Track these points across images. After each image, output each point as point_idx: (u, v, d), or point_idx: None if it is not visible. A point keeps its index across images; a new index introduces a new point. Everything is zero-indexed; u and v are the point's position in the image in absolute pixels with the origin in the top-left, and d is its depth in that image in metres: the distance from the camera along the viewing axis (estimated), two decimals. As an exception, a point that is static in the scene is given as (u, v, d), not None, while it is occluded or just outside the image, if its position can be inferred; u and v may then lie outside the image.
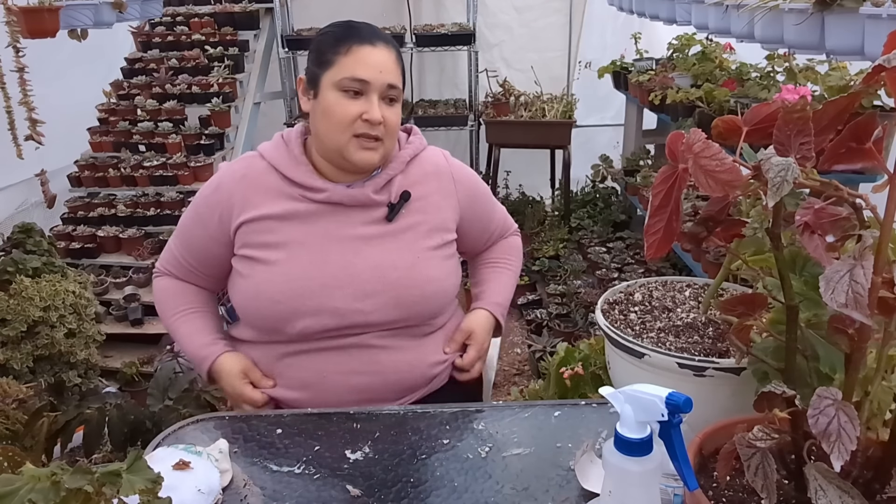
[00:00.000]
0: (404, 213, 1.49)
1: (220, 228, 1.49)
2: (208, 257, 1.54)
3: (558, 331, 3.29)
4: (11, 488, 0.76)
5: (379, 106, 1.40)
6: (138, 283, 3.48)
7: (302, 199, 1.46)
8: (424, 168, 1.54)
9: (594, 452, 1.12)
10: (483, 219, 1.67)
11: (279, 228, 1.46)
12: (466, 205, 1.58)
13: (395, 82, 1.42)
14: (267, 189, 1.47)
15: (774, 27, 2.23)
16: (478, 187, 1.64)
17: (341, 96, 1.39)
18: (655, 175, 0.86)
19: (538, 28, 4.88)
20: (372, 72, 1.39)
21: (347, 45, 1.40)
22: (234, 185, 1.48)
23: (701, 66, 3.58)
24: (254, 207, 1.46)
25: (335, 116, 1.40)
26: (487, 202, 1.68)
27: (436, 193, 1.53)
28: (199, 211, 1.53)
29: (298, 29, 4.70)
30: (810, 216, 0.76)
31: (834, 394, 0.75)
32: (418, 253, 1.48)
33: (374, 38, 1.42)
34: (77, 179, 3.79)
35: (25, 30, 2.60)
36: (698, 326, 1.19)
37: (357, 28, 1.44)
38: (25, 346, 2.46)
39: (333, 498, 1.11)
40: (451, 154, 1.64)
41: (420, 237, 1.50)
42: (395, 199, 1.49)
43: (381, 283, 1.44)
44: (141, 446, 1.94)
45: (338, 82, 1.39)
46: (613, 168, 4.41)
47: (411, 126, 1.62)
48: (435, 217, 1.52)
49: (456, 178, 1.58)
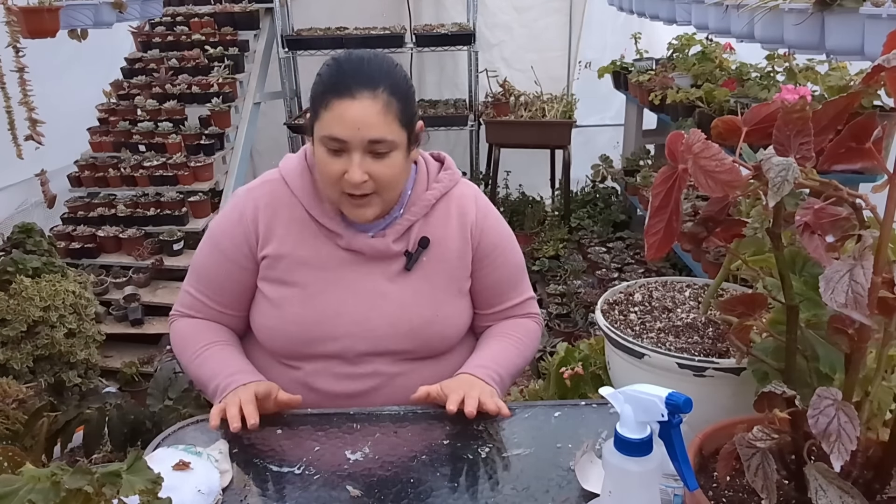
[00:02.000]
0: (424, 259, 1.43)
1: (250, 257, 1.44)
2: (239, 288, 1.46)
3: (558, 331, 3.30)
4: (11, 488, 0.76)
5: (363, 162, 1.30)
6: (138, 283, 3.49)
7: (324, 240, 1.41)
8: (449, 209, 1.46)
9: (594, 452, 1.12)
10: (498, 279, 1.52)
11: (297, 270, 1.41)
12: (482, 255, 1.48)
13: (377, 136, 1.29)
14: (290, 222, 1.42)
15: (774, 27, 2.23)
16: (502, 244, 1.52)
17: (325, 153, 1.32)
18: (655, 175, 0.86)
19: (538, 28, 4.87)
20: (348, 130, 1.28)
21: (328, 99, 1.30)
22: (258, 215, 1.42)
23: (701, 66, 3.58)
24: (276, 241, 1.41)
25: (322, 173, 1.35)
26: (509, 265, 1.53)
27: (456, 239, 1.46)
28: (222, 247, 1.45)
29: (298, 29, 4.70)
30: (810, 216, 0.76)
31: (834, 394, 0.75)
32: (437, 304, 1.44)
33: (356, 89, 1.28)
34: (77, 179, 3.79)
35: (25, 30, 2.60)
36: (698, 326, 1.19)
37: (341, 73, 1.32)
38: (25, 346, 2.46)
39: (333, 498, 1.11)
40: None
41: (439, 288, 1.44)
42: (413, 246, 1.43)
43: (396, 336, 1.41)
44: (141, 446, 1.94)
45: (321, 139, 1.32)
46: (613, 168, 4.41)
47: (443, 156, 1.52)
48: (454, 262, 1.46)
49: (480, 225, 1.48)
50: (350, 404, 1.40)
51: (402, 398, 1.38)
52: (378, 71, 1.32)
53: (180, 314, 1.53)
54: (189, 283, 1.51)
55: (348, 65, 1.33)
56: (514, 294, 1.55)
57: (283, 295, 1.42)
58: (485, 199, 1.54)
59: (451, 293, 1.46)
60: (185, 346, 1.48)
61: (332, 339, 1.40)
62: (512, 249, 1.54)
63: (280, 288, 1.42)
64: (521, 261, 1.57)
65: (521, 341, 1.52)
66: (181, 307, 1.52)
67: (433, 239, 1.44)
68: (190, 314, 1.51)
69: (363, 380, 1.42)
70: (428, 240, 1.44)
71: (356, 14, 4.79)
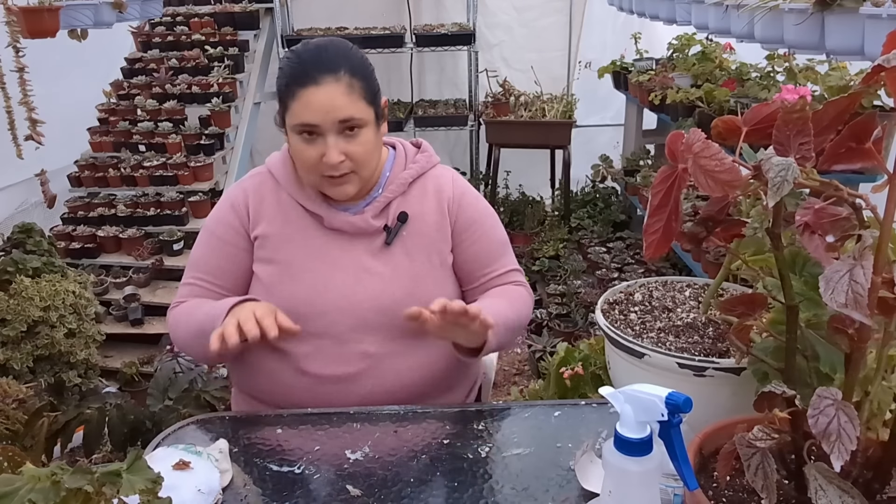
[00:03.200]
0: (404, 234, 1.48)
1: (245, 236, 1.50)
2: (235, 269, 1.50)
3: (558, 331, 3.30)
4: (11, 488, 0.76)
5: (337, 143, 1.36)
6: (138, 283, 3.48)
7: (308, 222, 1.47)
8: (426, 187, 1.52)
9: (594, 452, 1.12)
10: (478, 252, 1.54)
11: (284, 247, 1.47)
12: (461, 229, 1.52)
13: (347, 115, 1.35)
14: (277, 205, 1.49)
15: (774, 27, 2.23)
16: (481, 219, 1.55)
17: (300, 140, 1.39)
18: (655, 175, 0.86)
19: (538, 28, 4.88)
20: (317, 114, 1.35)
21: (293, 89, 1.36)
22: (248, 200, 1.50)
23: (701, 66, 3.58)
24: (265, 223, 1.48)
25: (300, 160, 1.42)
26: (490, 239, 1.56)
27: (434, 213, 1.50)
28: (217, 233, 1.51)
29: (298, 29, 4.70)
30: (810, 216, 0.76)
31: (834, 394, 0.75)
32: (417, 276, 1.47)
33: (317, 74, 1.34)
34: (77, 179, 3.78)
35: (25, 30, 2.60)
36: (698, 326, 1.19)
37: (301, 63, 1.38)
38: (25, 346, 2.46)
39: (333, 498, 1.11)
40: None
41: (419, 259, 1.48)
42: (392, 222, 1.48)
43: (381, 311, 1.43)
44: (141, 446, 1.94)
45: (293, 127, 1.39)
46: (613, 168, 4.41)
47: (420, 141, 1.59)
48: (433, 236, 1.50)
49: (457, 201, 1.52)
50: (340, 388, 1.42)
51: (392, 381, 1.43)
52: (336, 55, 1.39)
53: (177, 304, 1.53)
54: (186, 276, 1.54)
55: (307, 54, 1.40)
56: (498, 266, 1.56)
57: (272, 273, 1.46)
58: (462, 180, 1.59)
59: (432, 265, 1.50)
60: (181, 321, 1.49)
61: (320, 315, 1.43)
62: (492, 225, 1.58)
63: (269, 267, 1.47)
64: (503, 236, 1.60)
65: (510, 298, 1.52)
66: (179, 298, 1.54)
67: (411, 214, 1.49)
68: (187, 300, 1.52)
69: (352, 362, 1.43)
70: (406, 214, 1.49)
71: (356, 14, 4.79)
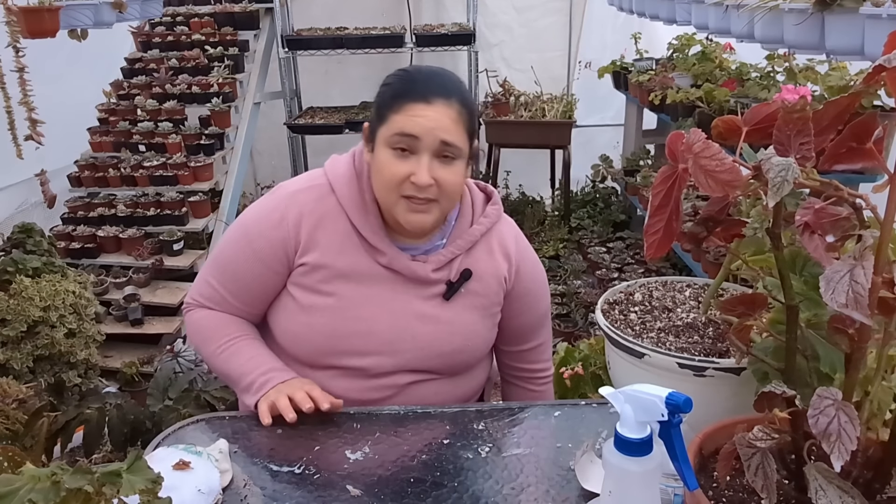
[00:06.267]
0: (463, 291, 1.43)
1: (284, 262, 1.41)
2: (265, 290, 1.44)
3: (558, 331, 3.29)
4: (11, 488, 0.76)
5: (431, 166, 1.30)
6: (138, 283, 3.48)
7: (364, 255, 1.39)
8: (491, 244, 1.46)
9: (594, 452, 1.12)
10: (524, 326, 1.55)
11: (334, 281, 1.39)
12: (515, 297, 1.50)
13: (449, 140, 1.30)
14: (333, 233, 1.39)
15: (774, 27, 2.23)
16: (535, 290, 1.53)
17: (391, 154, 1.31)
18: (655, 175, 0.86)
19: (538, 28, 4.88)
20: (422, 128, 1.29)
21: (401, 102, 1.31)
22: (301, 222, 1.39)
23: (701, 66, 3.58)
24: (317, 252, 1.39)
25: (384, 175, 1.32)
26: (537, 312, 1.56)
27: (495, 274, 1.46)
28: (256, 246, 1.41)
29: (298, 29, 4.70)
30: (810, 216, 0.76)
31: (834, 394, 0.75)
32: (470, 334, 1.45)
33: (429, 94, 1.31)
34: (77, 179, 3.79)
35: (25, 30, 2.60)
36: (698, 326, 1.19)
37: (414, 82, 1.34)
38: (25, 346, 2.46)
39: (333, 498, 1.11)
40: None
41: (474, 319, 1.45)
42: (455, 276, 1.42)
43: (424, 359, 1.42)
44: (141, 446, 1.95)
45: (388, 139, 1.31)
46: (613, 168, 4.41)
47: (491, 190, 1.53)
48: (491, 297, 1.46)
49: (517, 266, 1.49)
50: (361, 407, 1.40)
51: (415, 403, 1.40)
52: (449, 82, 1.36)
53: (198, 304, 1.49)
54: (211, 275, 1.48)
55: (420, 75, 1.37)
56: (533, 339, 1.58)
57: (315, 303, 1.39)
58: (524, 241, 1.55)
59: (484, 323, 1.47)
60: (208, 338, 1.46)
61: (359, 356, 1.40)
62: (542, 297, 1.57)
63: (312, 296, 1.40)
64: (548, 306, 1.60)
65: None
66: (199, 297, 1.49)
67: (475, 272, 1.44)
68: (209, 306, 1.48)
69: (380, 391, 1.42)
70: (470, 272, 1.43)
71: (356, 14, 4.79)
